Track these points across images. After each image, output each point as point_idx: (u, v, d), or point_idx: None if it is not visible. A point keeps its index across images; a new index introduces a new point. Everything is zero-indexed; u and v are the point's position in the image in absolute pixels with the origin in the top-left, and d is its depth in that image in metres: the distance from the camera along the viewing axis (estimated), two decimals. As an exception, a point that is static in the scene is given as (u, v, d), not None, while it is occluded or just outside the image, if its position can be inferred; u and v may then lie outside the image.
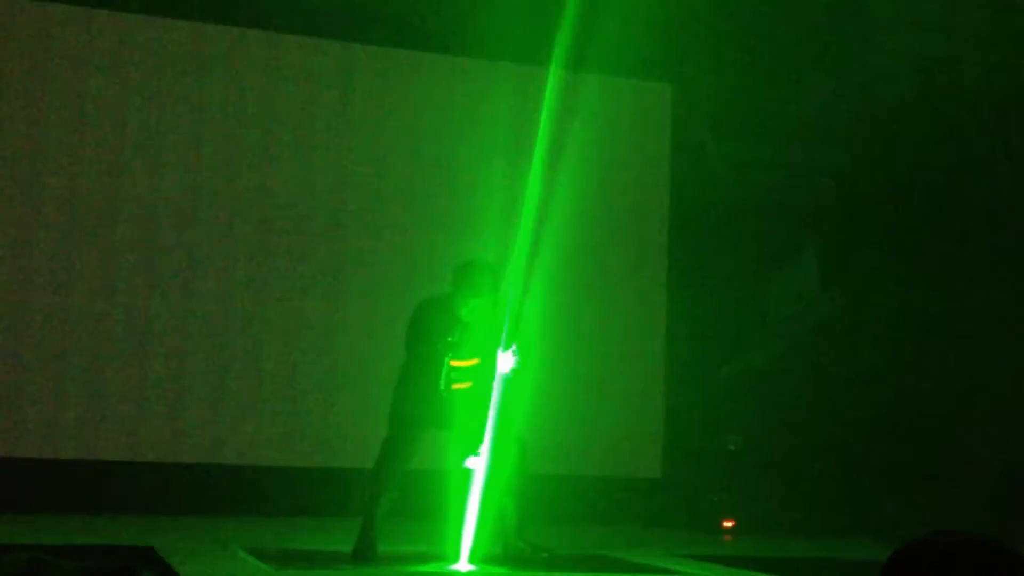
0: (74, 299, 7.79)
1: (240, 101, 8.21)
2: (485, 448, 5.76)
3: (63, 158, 7.82)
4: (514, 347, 5.73)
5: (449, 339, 5.76)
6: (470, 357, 5.83)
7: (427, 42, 8.60)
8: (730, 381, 9.07)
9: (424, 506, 6.49)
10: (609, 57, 8.41)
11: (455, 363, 5.82)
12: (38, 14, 7.81)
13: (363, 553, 5.82)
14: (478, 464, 5.78)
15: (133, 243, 7.93)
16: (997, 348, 8.87)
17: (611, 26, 7.98)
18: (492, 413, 5.76)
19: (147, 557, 5.51)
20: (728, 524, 8.57)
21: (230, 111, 8.19)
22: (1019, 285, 8.88)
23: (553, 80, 7.05)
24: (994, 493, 8.39)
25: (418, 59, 8.61)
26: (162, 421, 7.92)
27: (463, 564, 5.77)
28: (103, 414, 7.80)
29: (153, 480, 7.84)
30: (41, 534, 6.37)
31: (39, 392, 7.68)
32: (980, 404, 8.87)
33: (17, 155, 7.73)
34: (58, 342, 7.74)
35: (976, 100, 9.29)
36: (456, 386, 5.82)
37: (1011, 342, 8.83)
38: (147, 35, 8.04)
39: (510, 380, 5.79)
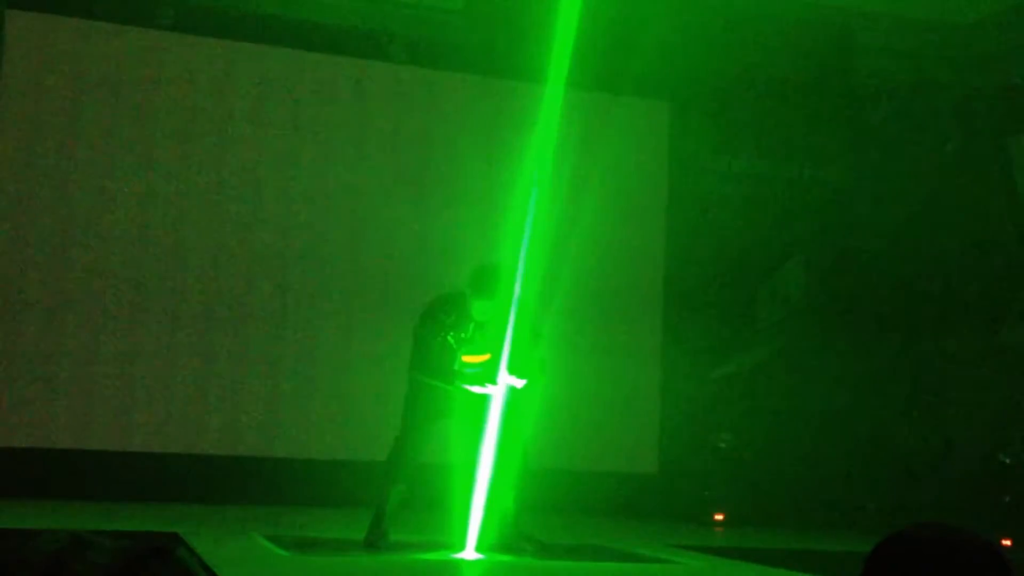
0: (105, 302, 7.81)
1: (262, 112, 8.24)
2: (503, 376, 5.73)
3: (96, 169, 7.85)
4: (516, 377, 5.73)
5: (462, 335, 5.75)
6: (481, 353, 5.81)
7: (436, 60, 8.62)
8: (721, 383, 9.07)
9: (432, 497, 6.49)
10: (608, 76, 8.41)
11: (467, 359, 5.80)
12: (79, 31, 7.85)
13: (375, 541, 5.82)
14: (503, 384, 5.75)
15: (162, 244, 7.95)
16: (978, 347, 8.87)
17: (610, 46, 7.99)
18: (498, 414, 5.75)
19: (173, 542, 5.52)
20: (719, 517, 8.57)
21: (253, 121, 8.22)
22: (997, 281, 8.89)
23: (554, 97, 7.05)
24: (973, 486, 8.38)
25: (427, 76, 8.63)
26: (187, 416, 7.93)
27: (469, 552, 5.76)
28: (132, 409, 7.81)
29: (178, 471, 7.85)
30: (72, 520, 6.37)
31: (72, 389, 7.70)
32: (959, 398, 8.86)
33: (51, 166, 7.77)
34: (90, 342, 7.76)
35: (951, 118, 9.31)
36: (467, 387, 5.79)
37: (987, 342, 8.83)
38: (178, 51, 8.07)
39: (519, 390, 5.80)
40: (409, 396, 5.95)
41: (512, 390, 5.74)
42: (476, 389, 5.73)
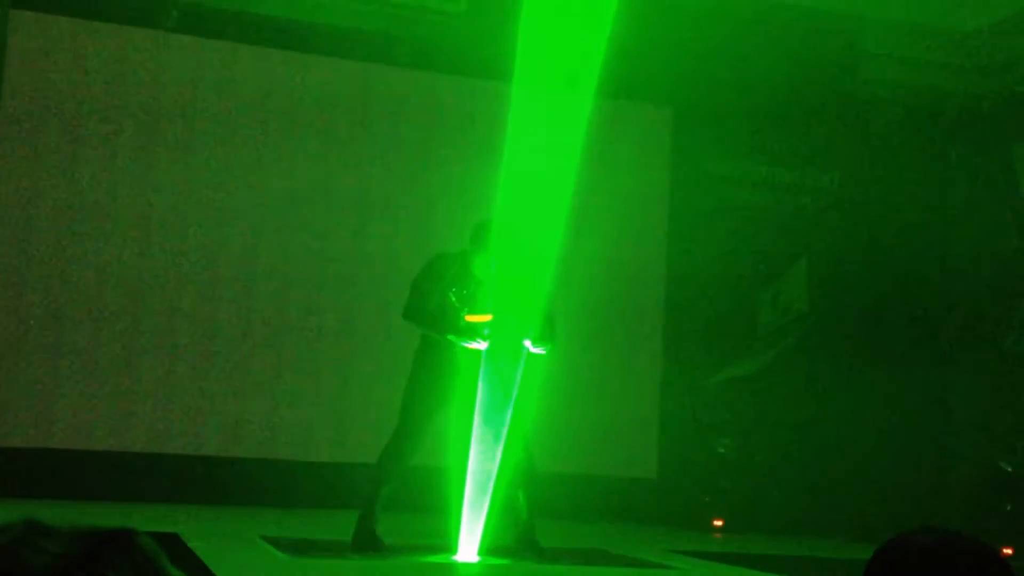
0: (105, 302, 7.80)
1: (265, 114, 8.24)
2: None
3: (99, 170, 7.85)
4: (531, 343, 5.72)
5: (464, 292, 5.72)
6: (483, 312, 5.77)
7: (438, 64, 8.61)
8: (721, 388, 9.06)
9: (430, 500, 6.47)
10: (612, 81, 8.39)
11: (469, 318, 5.75)
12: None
13: (366, 543, 5.76)
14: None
15: (163, 244, 7.94)
16: (981, 355, 8.85)
17: (614, 51, 7.97)
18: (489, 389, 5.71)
19: (171, 543, 5.50)
20: (718, 523, 8.55)
21: (256, 124, 8.21)
22: (1001, 289, 8.88)
23: (556, 102, 7.04)
24: (974, 494, 8.36)
25: (430, 79, 8.62)
26: (187, 416, 7.92)
27: (468, 555, 5.74)
28: (131, 409, 7.80)
29: (178, 471, 7.84)
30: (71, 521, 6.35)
31: (71, 389, 7.69)
32: (960, 406, 8.84)
33: (53, 165, 7.76)
34: (90, 342, 7.75)
35: (955, 125, 9.31)
36: (471, 345, 5.72)
37: (990, 350, 8.82)
38: (181, 53, 8.06)
39: (538, 356, 5.79)
40: (410, 382, 5.89)
41: (522, 377, 5.73)
42: (470, 345, 5.68)
